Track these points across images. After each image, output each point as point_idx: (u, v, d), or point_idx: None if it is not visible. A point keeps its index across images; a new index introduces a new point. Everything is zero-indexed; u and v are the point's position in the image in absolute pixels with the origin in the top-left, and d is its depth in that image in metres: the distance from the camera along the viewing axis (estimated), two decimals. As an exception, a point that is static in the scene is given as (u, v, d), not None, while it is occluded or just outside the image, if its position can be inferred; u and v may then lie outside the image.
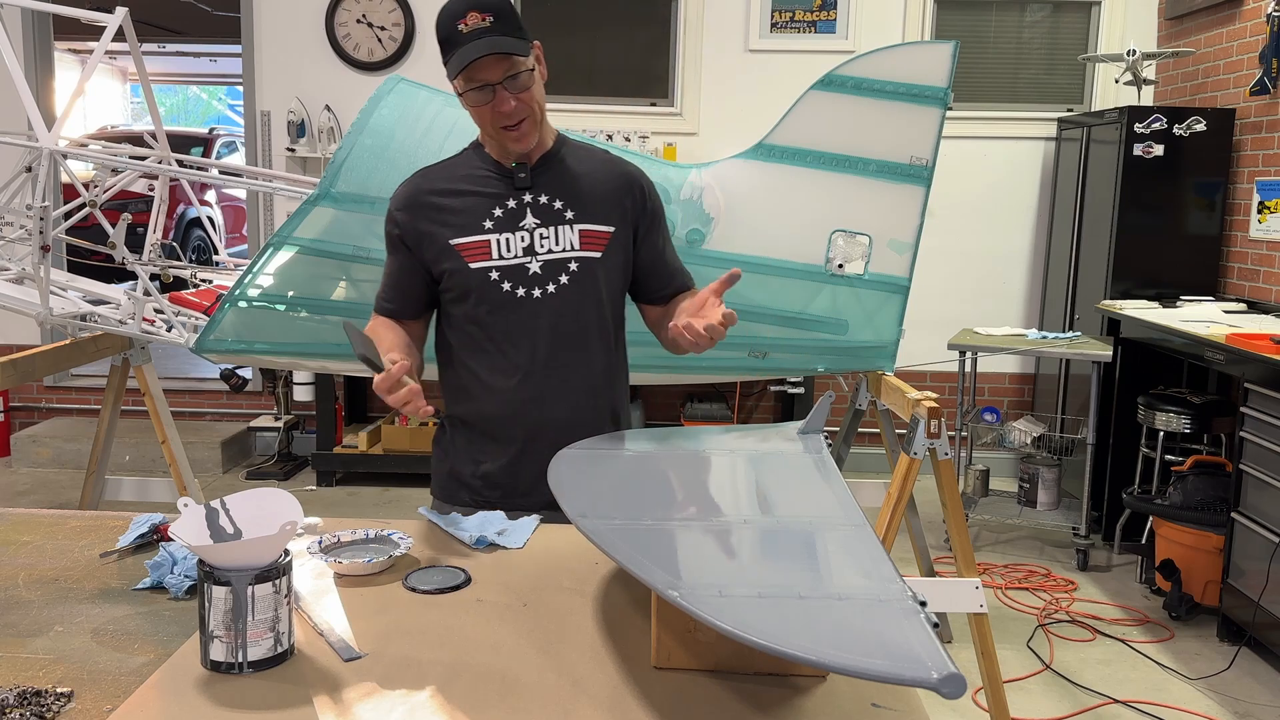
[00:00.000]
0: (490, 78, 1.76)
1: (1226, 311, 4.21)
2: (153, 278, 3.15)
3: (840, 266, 2.80)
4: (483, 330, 1.89)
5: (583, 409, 1.92)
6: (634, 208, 1.96)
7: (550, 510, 1.79)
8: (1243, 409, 3.47)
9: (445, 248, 1.87)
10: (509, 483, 1.93)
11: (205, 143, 11.12)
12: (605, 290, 1.94)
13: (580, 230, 1.90)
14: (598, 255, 1.91)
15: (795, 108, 2.79)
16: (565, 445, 1.75)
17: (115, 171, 3.29)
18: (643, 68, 5.43)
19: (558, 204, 1.90)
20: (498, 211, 1.87)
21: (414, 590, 1.48)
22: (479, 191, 1.88)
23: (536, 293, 1.87)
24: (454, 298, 1.90)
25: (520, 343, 1.88)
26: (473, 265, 1.86)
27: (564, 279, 1.88)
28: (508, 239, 1.87)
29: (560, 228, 1.89)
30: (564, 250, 1.88)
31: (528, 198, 1.89)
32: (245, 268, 2.76)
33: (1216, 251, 4.57)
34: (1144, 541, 4.12)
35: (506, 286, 1.86)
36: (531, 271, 1.87)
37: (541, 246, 1.87)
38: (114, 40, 3.11)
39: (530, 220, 1.88)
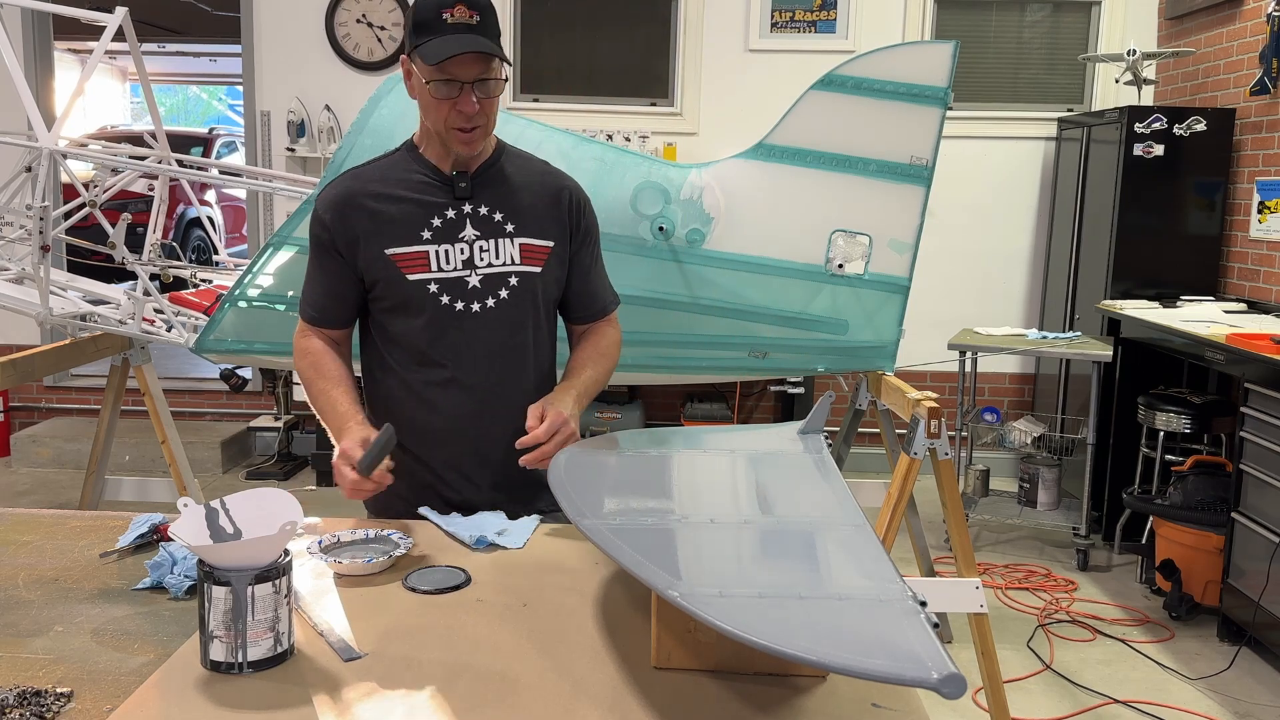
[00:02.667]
0: (464, 76, 1.70)
1: (1227, 311, 4.20)
2: (153, 278, 3.15)
3: (840, 266, 2.80)
4: (420, 343, 1.82)
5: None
6: (570, 222, 1.90)
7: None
8: (1243, 409, 3.47)
9: (379, 257, 1.80)
10: (448, 497, 1.85)
11: (205, 143, 11.12)
12: (543, 305, 1.89)
13: (521, 244, 1.84)
14: (537, 270, 1.86)
15: (795, 108, 2.79)
16: (503, 463, 1.74)
17: (115, 171, 3.29)
18: (643, 68, 5.42)
19: (498, 216, 1.84)
20: (436, 221, 1.81)
21: (414, 590, 1.48)
22: (416, 199, 1.82)
23: (475, 307, 1.82)
24: (388, 308, 1.84)
25: (460, 357, 1.83)
26: (410, 277, 1.80)
27: (504, 293, 1.83)
28: (446, 251, 1.81)
29: (500, 240, 1.83)
30: (504, 264, 1.83)
31: (467, 208, 1.82)
32: (245, 268, 2.76)
33: (1216, 251, 4.57)
34: (1144, 541, 4.12)
35: (445, 300, 1.81)
36: (471, 285, 1.82)
37: (481, 260, 1.82)
38: (114, 40, 3.11)
39: (470, 232, 1.82)
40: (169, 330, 3.00)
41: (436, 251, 1.81)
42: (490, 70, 1.72)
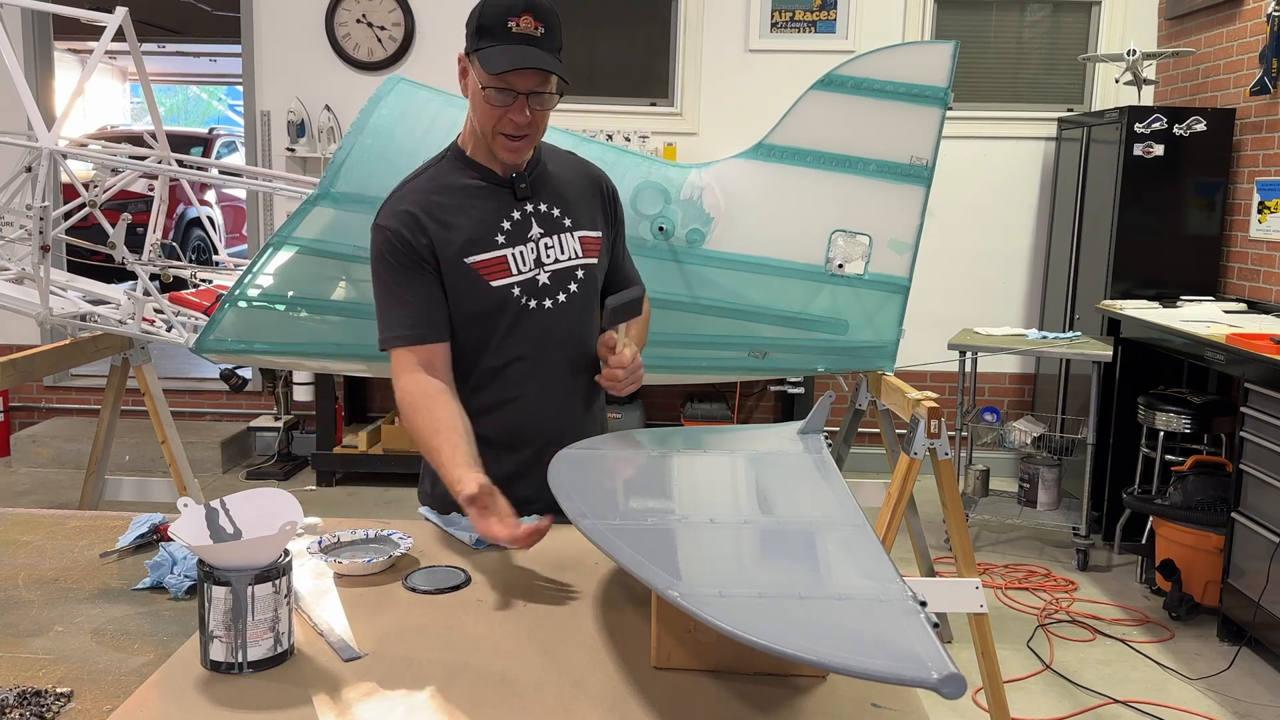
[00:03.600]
0: (520, 87, 1.70)
1: (1227, 311, 4.20)
2: (153, 278, 3.15)
3: (840, 266, 2.80)
4: (496, 345, 1.81)
5: (593, 413, 1.91)
6: (608, 211, 1.94)
7: (555, 511, 1.78)
8: (1243, 409, 3.47)
9: (458, 266, 1.77)
10: (524, 493, 1.79)
11: (205, 143, 11.12)
12: (599, 295, 1.92)
13: (580, 237, 1.86)
14: (595, 261, 1.89)
15: (795, 108, 2.79)
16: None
17: (115, 171, 3.29)
18: (643, 68, 5.42)
19: (556, 211, 1.85)
20: (506, 225, 1.80)
21: (414, 590, 1.48)
22: (481, 205, 1.80)
23: (548, 304, 1.82)
24: (467, 316, 1.80)
25: (537, 355, 1.82)
26: (494, 284, 1.78)
27: (573, 287, 1.84)
28: (521, 252, 1.81)
29: (562, 236, 1.84)
30: (569, 259, 1.84)
31: (529, 207, 1.83)
32: (245, 268, 2.76)
33: (1216, 251, 4.57)
34: (1144, 541, 4.12)
35: (524, 300, 1.81)
36: (541, 283, 1.82)
37: (548, 257, 1.82)
38: (114, 40, 3.11)
39: (535, 230, 1.82)
40: (169, 330, 3.00)
41: (512, 255, 1.80)
42: (547, 84, 1.71)
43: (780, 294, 2.81)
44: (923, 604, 1.07)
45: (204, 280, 3.52)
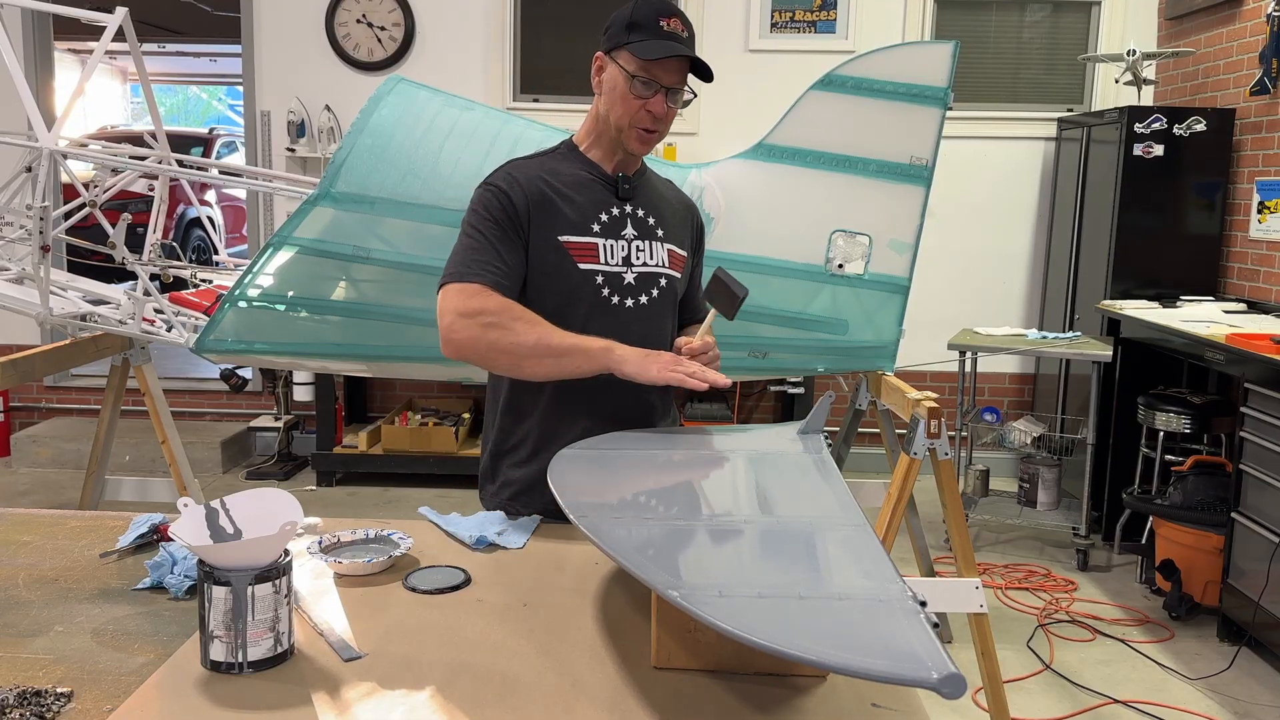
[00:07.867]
0: (664, 80, 1.82)
1: (1226, 311, 4.21)
2: (153, 278, 3.15)
3: (840, 266, 2.80)
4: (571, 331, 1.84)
5: (658, 414, 1.94)
6: (695, 239, 2.04)
7: None
8: (1243, 409, 3.47)
9: (550, 242, 1.83)
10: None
11: (205, 143, 11.12)
12: (676, 309, 1.99)
13: (668, 249, 1.94)
14: (678, 275, 1.96)
15: (795, 108, 2.79)
16: None
17: (115, 171, 3.29)
18: (643, 68, 5.42)
19: (651, 220, 1.93)
20: (604, 217, 1.88)
21: (414, 590, 1.48)
22: (585, 193, 1.89)
23: (629, 303, 1.88)
24: (547, 296, 1.84)
25: None
26: (581, 266, 1.84)
27: (654, 292, 1.91)
28: (611, 245, 1.88)
29: (654, 243, 1.92)
30: (656, 265, 1.92)
31: (628, 208, 1.91)
32: (245, 268, 2.76)
33: (1216, 251, 4.57)
34: (1144, 541, 4.12)
35: (605, 292, 1.86)
36: (626, 282, 1.88)
37: (637, 259, 1.90)
38: (114, 40, 3.11)
39: (630, 231, 1.90)
40: (169, 330, 3.00)
41: (604, 245, 1.87)
42: (684, 84, 1.86)
43: (780, 294, 2.81)
44: (923, 604, 1.07)
45: (204, 280, 3.52)
